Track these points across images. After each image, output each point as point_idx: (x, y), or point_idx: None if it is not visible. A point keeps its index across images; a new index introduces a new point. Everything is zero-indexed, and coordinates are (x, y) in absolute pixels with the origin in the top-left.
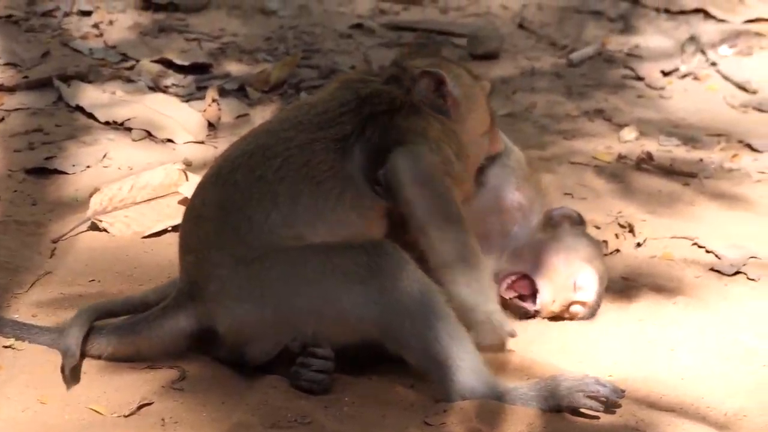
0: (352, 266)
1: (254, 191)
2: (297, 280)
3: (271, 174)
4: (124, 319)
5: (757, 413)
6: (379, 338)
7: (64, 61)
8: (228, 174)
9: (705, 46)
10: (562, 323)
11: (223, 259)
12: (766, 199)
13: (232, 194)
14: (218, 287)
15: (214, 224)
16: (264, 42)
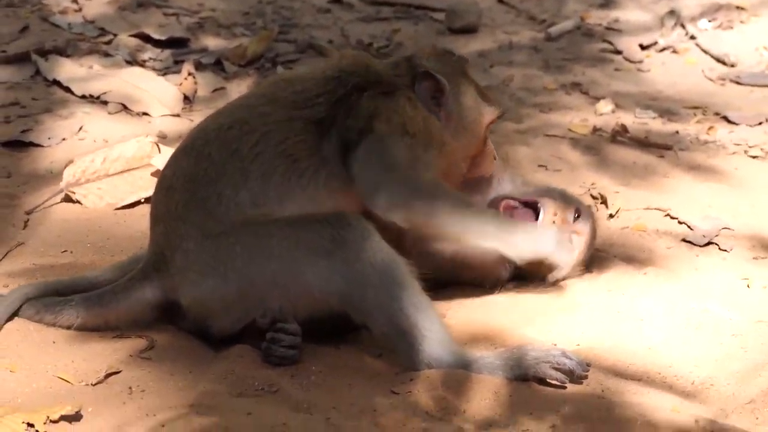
0: (316, 239)
1: (227, 166)
2: (262, 255)
3: (247, 149)
4: (92, 293)
5: (724, 383)
6: (345, 310)
7: (42, 35)
8: (202, 146)
9: (685, 19)
10: (532, 295)
11: (189, 232)
12: (740, 171)
13: (204, 168)
14: (184, 260)
15: (184, 196)
16: (242, 17)
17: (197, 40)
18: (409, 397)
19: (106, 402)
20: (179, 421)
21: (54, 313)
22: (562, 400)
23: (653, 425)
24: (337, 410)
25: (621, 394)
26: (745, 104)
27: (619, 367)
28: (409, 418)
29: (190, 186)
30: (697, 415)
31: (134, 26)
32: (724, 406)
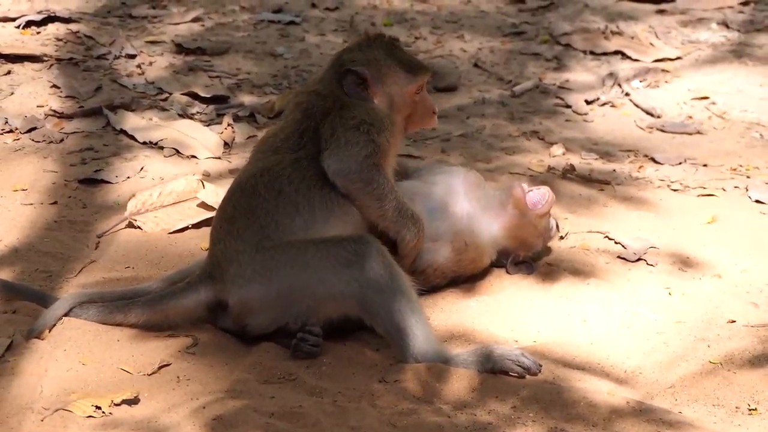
0: (342, 253)
1: (279, 201)
2: (300, 264)
3: (287, 188)
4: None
5: (650, 371)
6: (357, 311)
7: (112, 94)
8: (251, 188)
9: (621, 80)
10: (497, 299)
11: (246, 248)
12: (664, 201)
13: (258, 202)
14: (237, 269)
15: (245, 223)
16: (271, 78)
17: (235, 97)
18: (400, 384)
19: (159, 389)
20: (217, 404)
21: (124, 313)
22: (521, 386)
23: (593, 405)
24: (342, 394)
25: (568, 381)
26: (669, 148)
27: (567, 358)
28: (399, 401)
29: (251, 216)
30: (628, 398)
31: (185, 86)
32: (649, 390)
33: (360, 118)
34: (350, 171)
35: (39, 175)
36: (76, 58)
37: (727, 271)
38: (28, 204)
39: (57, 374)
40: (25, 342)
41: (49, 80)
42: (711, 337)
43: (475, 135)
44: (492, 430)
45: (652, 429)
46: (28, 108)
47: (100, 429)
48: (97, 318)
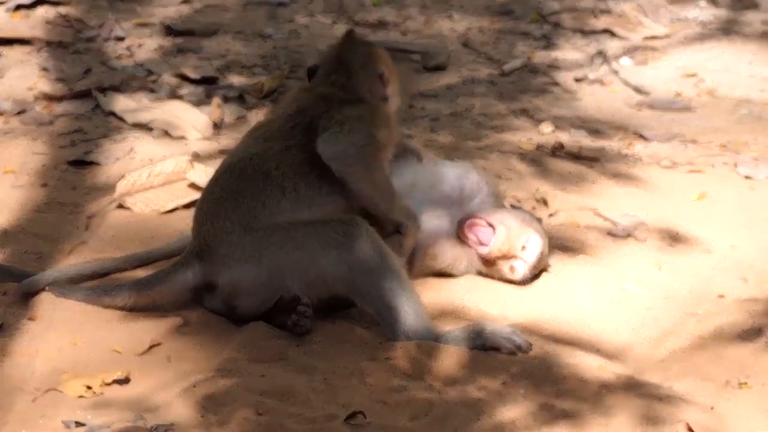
0: (331, 233)
1: (266, 183)
2: (289, 245)
3: (275, 172)
4: (143, 278)
5: (640, 346)
6: (347, 291)
7: (102, 76)
8: (239, 170)
9: (609, 58)
10: (488, 278)
11: (234, 228)
12: (653, 178)
13: (247, 184)
14: (226, 249)
15: (233, 204)
16: (260, 59)
17: (224, 79)
18: (390, 362)
19: (150, 368)
20: (207, 383)
21: (111, 296)
22: (511, 362)
23: (584, 380)
24: (333, 372)
25: (558, 356)
26: (657, 125)
27: (557, 334)
28: (390, 378)
29: (238, 197)
30: (618, 373)
31: (174, 68)
32: (639, 365)
33: (362, 113)
34: (347, 154)
35: (28, 158)
36: (66, 41)
37: (716, 247)
38: (17, 186)
39: (48, 354)
40: (15, 324)
41: (38, 63)
42: (700, 312)
43: (464, 114)
44: (482, 406)
45: (643, 403)
46: (17, 91)
47: (92, 409)
48: (85, 300)
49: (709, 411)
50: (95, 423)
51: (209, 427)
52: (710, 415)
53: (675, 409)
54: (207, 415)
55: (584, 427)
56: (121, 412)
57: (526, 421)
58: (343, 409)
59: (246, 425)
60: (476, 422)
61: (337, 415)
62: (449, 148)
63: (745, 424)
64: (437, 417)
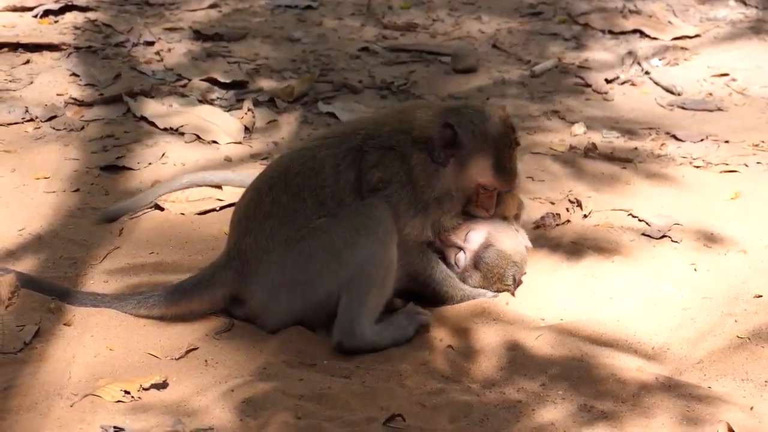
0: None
1: (316, 205)
2: (327, 269)
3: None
4: (174, 285)
5: (677, 347)
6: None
7: (132, 81)
8: (295, 186)
9: (640, 59)
10: (523, 277)
11: (276, 247)
12: (687, 178)
13: (298, 204)
14: (265, 269)
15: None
16: (290, 63)
17: (254, 83)
18: (429, 364)
19: (187, 373)
20: (245, 387)
21: (148, 308)
22: (549, 364)
23: (622, 382)
24: (370, 375)
25: (596, 358)
26: (690, 125)
27: (594, 336)
28: (428, 381)
29: (286, 216)
30: (657, 374)
31: (204, 72)
32: (678, 366)
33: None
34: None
35: (61, 163)
36: (95, 46)
37: (751, 247)
38: (50, 192)
39: (85, 360)
40: (51, 329)
41: (68, 69)
42: (738, 312)
43: None
44: (521, 408)
45: (682, 404)
46: (47, 97)
47: (130, 413)
48: (121, 310)
49: (748, 411)
50: (134, 428)
51: (248, 430)
52: (750, 415)
53: (714, 409)
54: (246, 419)
55: (623, 428)
56: (159, 417)
57: (565, 423)
58: (381, 411)
59: (285, 429)
60: (515, 424)
61: (376, 418)
62: None
63: None
64: (476, 419)
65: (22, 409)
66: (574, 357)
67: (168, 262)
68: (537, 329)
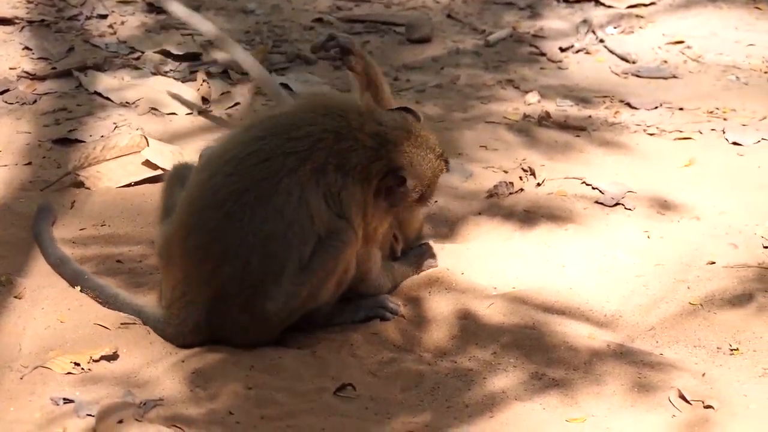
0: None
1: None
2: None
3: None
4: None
5: (629, 314)
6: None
7: (85, 54)
8: (270, 209)
9: (595, 27)
10: (474, 246)
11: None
12: (641, 146)
13: (273, 227)
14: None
15: (261, 255)
16: (244, 35)
17: (208, 54)
18: (380, 334)
19: (137, 344)
20: (195, 358)
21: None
22: (500, 332)
23: (574, 349)
24: (321, 345)
25: (548, 326)
26: (644, 93)
27: (547, 303)
28: (380, 350)
29: (265, 247)
30: (609, 341)
31: (158, 45)
32: (630, 333)
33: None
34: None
35: (13, 137)
36: (48, 19)
37: (705, 214)
38: (2, 165)
39: (35, 332)
40: (2, 302)
41: (20, 42)
42: (691, 279)
43: (450, 85)
44: (473, 377)
45: (634, 371)
46: (0, 70)
47: (80, 385)
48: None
49: (700, 377)
50: (84, 399)
51: (199, 401)
52: (702, 381)
53: (666, 375)
54: (196, 389)
55: (575, 396)
56: (109, 388)
57: (516, 391)
58: (333, 381)
59: (236, 399)
60: (467, 392)
61: (327, 388)
62: (436, 120)
63: (736, 389)
64: (427, 388)
65: None
66: (526, 325)
67: (120, 234)
68: (489, 298)
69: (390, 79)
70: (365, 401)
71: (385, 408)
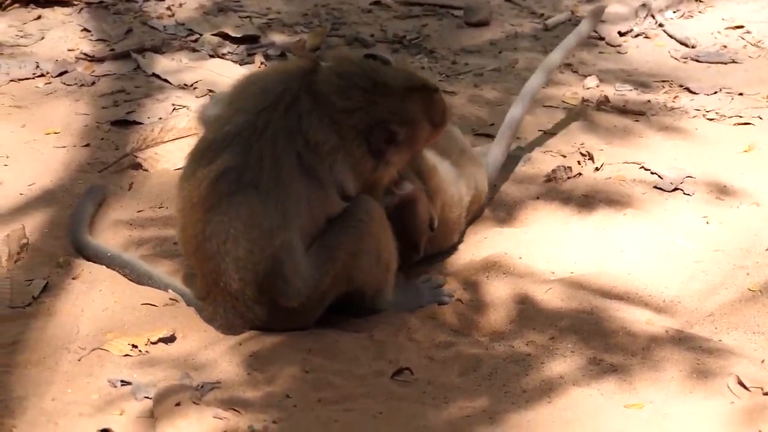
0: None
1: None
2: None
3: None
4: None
5: (688, 300)
6: None
7: (142, 36)
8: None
9: (654, 11)
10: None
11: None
12: (699, 131)
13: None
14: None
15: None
16: (302, 17)
17: (266, 37)
18: (438, 318)
19: (195, 327)
20: (252, 341)
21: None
22: (558, 317)
23: (632, 335)
24: (379, 329)
25: (606, 311)
26: (703, 77)
27: (605, 289)
28: (437, 334)
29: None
30: (667, 326)
31: (216, 27)
32: (688, 319)
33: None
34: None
35: (71, 118)
36: (106, 1)
37: (764, 199)
38: (60, 147)
39: (93, 314)
40: (60, 283)
41: (79, 24)
42: (750, 265)
43: (508, 69)
44: (530, 361)
45: (692, 357)
46: (58, 52)
47: (137, 367)
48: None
49: (759, 364)
50: (141, 381)
51: (256, 384)
52: (760, 368)
53: (725, 362)
54: (253, 372)
55: (633, 382)
56: (166, 371)
57: (574, 376)
58: (390, 365)
59: (293, 382)
60: (524, 378)
61: (384, 372)
62: (494, 104)
63: None
64: (485, 373)
65: (30, 364)
66: (584, 310)
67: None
68: (547, 282)
69: (448, 62)
70: (422, 385)
71: (442, 392)
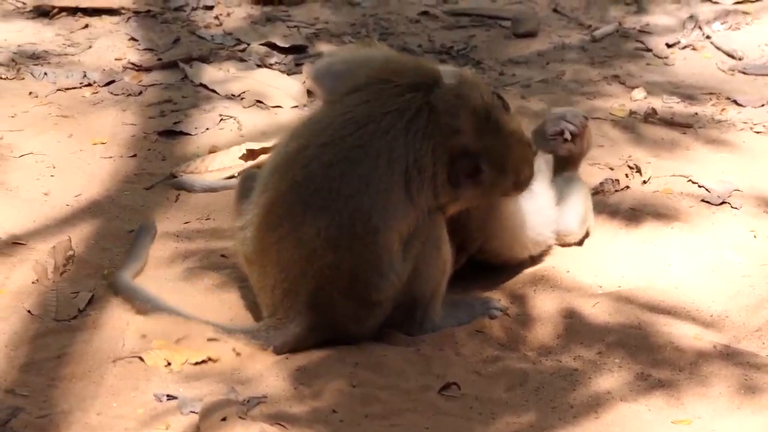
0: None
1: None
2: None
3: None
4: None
5: (736, 314)
6: None
7: (190, 46)
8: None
9: (701, 23)
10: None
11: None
12: (747, 143)
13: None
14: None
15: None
16: (349, 27)
17: (314, 47)
18: (485, 332)
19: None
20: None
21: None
22: (606, 331)
23: (680, 350)
24: (426, 343)
25: (654, 325)
26: (751, 90)
27: (652, 303)
28: (484, 348)
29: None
30: (715, 342)
31: (263, 37)
32: (736, 334)
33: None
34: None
35: (118, 128)
36: (154, 10)
37: None
38: (107, 157)
39: (138, 327)
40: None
41: (126, 33)
42: None
43: (555, 80)
44: (577, 377)
45: (740, 372)
46: (106, 61)
47: (183, 381)
48: None
49: None
50: (187, 396)
51: (303, 399)
52: None
53: None
54: (300, 387)
55: (681, 397)
56: (213, 385)
57: (621, 391)
58: (437, 380)
59: (340, 397)
60: (571, 393)
61: (431, 386)
62: (541, 115)
63: None
64: (532, 388)
65: (75, 377)
66: (632, 325)
67: (224, 228)
68: (594, 296)
69: (495, 73)
70: (469, 400)
71: (489, 407)
